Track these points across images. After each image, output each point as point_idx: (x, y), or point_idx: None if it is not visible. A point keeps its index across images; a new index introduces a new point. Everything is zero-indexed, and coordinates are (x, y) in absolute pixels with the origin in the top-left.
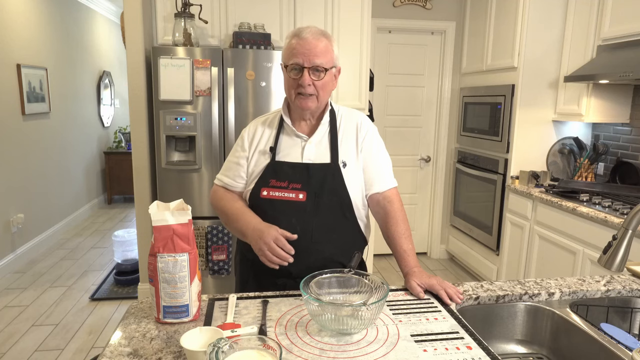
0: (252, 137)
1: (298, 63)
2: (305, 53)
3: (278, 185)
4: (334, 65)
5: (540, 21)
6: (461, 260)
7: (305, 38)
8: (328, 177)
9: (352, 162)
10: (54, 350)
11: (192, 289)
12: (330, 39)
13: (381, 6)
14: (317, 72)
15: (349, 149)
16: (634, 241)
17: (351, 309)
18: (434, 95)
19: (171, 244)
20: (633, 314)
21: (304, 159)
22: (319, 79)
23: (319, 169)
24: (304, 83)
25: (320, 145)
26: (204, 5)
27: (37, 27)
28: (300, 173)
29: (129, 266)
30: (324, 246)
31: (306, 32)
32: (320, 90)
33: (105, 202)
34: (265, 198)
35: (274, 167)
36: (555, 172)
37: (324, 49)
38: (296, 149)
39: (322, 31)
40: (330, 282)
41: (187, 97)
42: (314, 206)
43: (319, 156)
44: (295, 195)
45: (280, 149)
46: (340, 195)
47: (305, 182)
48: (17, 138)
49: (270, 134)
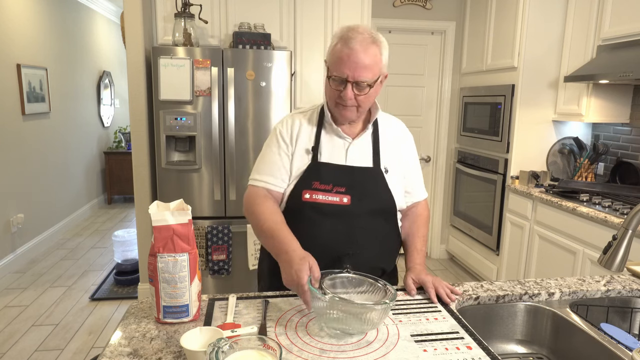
0: (292, 132)
1: (342, 77)
2: (351, 67)
3: (322, 188)
4: (380, 75)
5: (540, 21)
6: (461, 260)
7: (353, 49)
8: (372, 182)
9: (393, 169)
10: (54, 350)
11: (192, 289)
12: (381, 45)
13: (381, 6)
14: (361, 86)
15: (392, 155)
16: (634, 241)
17: (360, 308)
18: (434, 95)
19: (171, 244)
20: (633, 314)
21: (348, 162)
22: (362, 94)
23: (364, 173)
24: (345, 98)
25: (363, 148)
26: (204, 5)
27: (37, 27)
28: (345, 176)
29: (129, 266)
30: (366, 251)
31: (355, 41)
32: (362, 102)
33: (105, 202)
34: (307, 201)
35: (317, 168)
36: (555, 172)
37: (372, 61)
38: (339, 150)
39: (373, 37)
40: (334, 283)
41: (187, 97)
42: (359, 211)
43: (361, 159)
44: (340, 199)
45: (322, 149)
46: (384, 200)
47: (350, 186)
48: (17, 138)
49: (310, 131)
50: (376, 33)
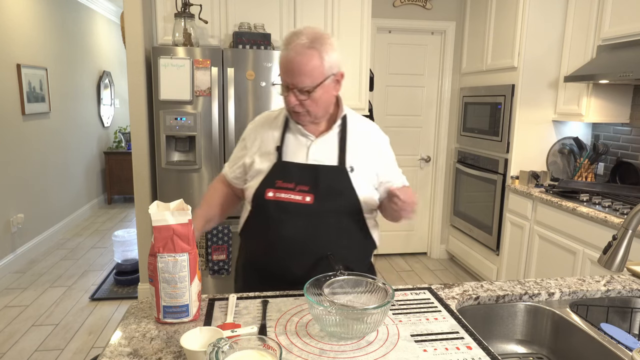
0: (256, 135)
1: (284, 81)
2: (289, 74)
3: (284, 186)
4: (326, 78)
5: (540, 21)
6: (461, 260)
7: (289, 56)
8: (336, 180)
9: (360, 168)
10: (54, 350)
11: (192, 289)
12: (321, 48)
13: (381, 6)
14: (303, 91)
15: (360, 155)
16: (634, 241)
17: (358, 313)
18: (434, 95)
19: (171, 244)
20: (633, 314)
21: (310, 160)
22: (307, 98)
23: (328, 171)
24: (290, 104)
25: (327, 147)
26: (204, 5)
27: (37, 27)
28: (309, 174)
29: (129, 266)
30: (332, 250)
31: (291, 48)
32: (311, 107)
33: (105, 202)
34: (270, 199)
35: (280, 167)
36: (555, 172)
37: (310, 68)
38: (302, 148)
39: (312, 41)
40: (333, 286)
41: (187, 97)
42: (322, 209)
43: (325, 158)
44: (302, 198)
45: (286, 148)
46: (348, 199)
47: (314, 185)
48: (17, 138)
49: (277, 130)
50: (319, 35)
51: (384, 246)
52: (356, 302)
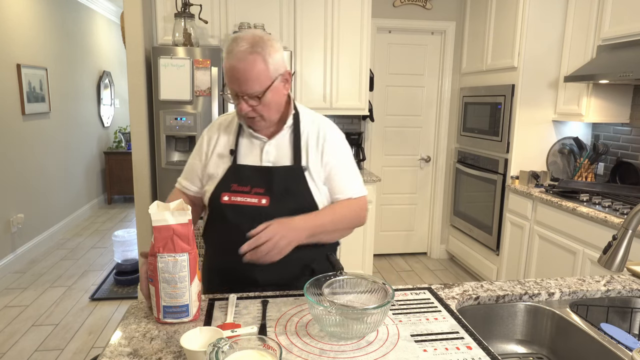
0: (212, 137)
1: (233, 89)
2: (235, 83)
3: (240, 189)
4: (274, 80)
5: (540, 21)
6: (461, 260)
7: (232, 64)
8: (291, 181)
9: (314, 168)
10: (54, 350)
11: (192, 289)
12: (264, 52)
13: (381, 6)
14: (252, 98)
15: (312, 154)
16: (634, 241)
17: (358, 313)
18: (434, 95)
19: (171, 244)
20: (633, 314)
21: (263, 162)
22: (258, 104)
23: (282, 172)
24: (241, 111)
25: (280, 147)
26: (204, 5)
27: (37, 27)
28: (263, 177)
29: (129, 266)
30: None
31: (233, 56)
32: (263, 111)
33: (105, 202)
34: (226, 203)
35: (235, 170)
36: (555, 172)
37: (255, 73)
38: (255, 151)
39: (252, 46)
40: (333, 287)
41: (187, 97)
42: (278, 211)
43: (279, 159)
44: (258, 200)
45: (241, 151)
46: (304, 199)
47: (269, 187)
48: (17, 138)
49: (232, 134)
50: (259, 38)
51: (384, 246)
52: (356, 302)
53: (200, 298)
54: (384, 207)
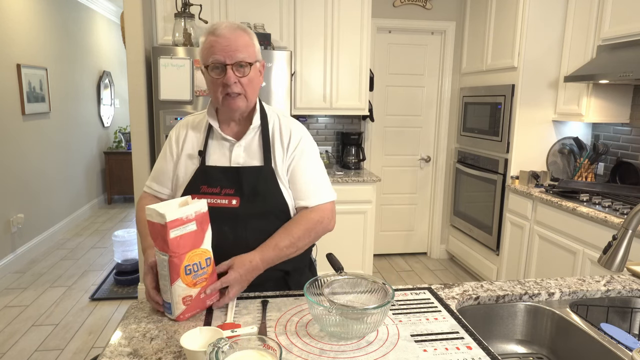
0: (180, 138)
1: (219, 60)
2: (225, 49)
3: (210, 191)
4: (257, 60)
5: (540, 21)
6: (461, 260)
7: (222, 34)
8: (261, 181)
9: (281, 170)
10: (54, 350)
11: (174, 290)
12: (249, 32)
13: (381, 6)
14: (240, 67)
15: (278, 155)
16: (634, 241)
17: (358, 313)
18: (434, 95)
19: (160, 241)
20: (633, 314)
21: (232, 163)
22: (244, 75)
23: (252, 173)
24: (229, 81)
25: (250, 148)
26: (204, 5)
27: (37, 27)
28: (233, 177)
29: (129, 266)
30: None
31: (222, 28)
32: (247, 87)
33: (105, 202)
34: None
35: (204, 172)
36: (555, 172)
37: (244, 43)
38: (224, 152)
39: (239, 25)
40: (333, 287)
41: (187, 97)
42: (248, 212)
43: (248, 159)
44: (228, 202)
45: (210, 153)
46: (276, 200)
47: (238, 187)
48: (17, 138)
49: (199, 135)
50: (241, 25)
51: (384, 246)
52: (356, 302)
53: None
54: (384, 207)
